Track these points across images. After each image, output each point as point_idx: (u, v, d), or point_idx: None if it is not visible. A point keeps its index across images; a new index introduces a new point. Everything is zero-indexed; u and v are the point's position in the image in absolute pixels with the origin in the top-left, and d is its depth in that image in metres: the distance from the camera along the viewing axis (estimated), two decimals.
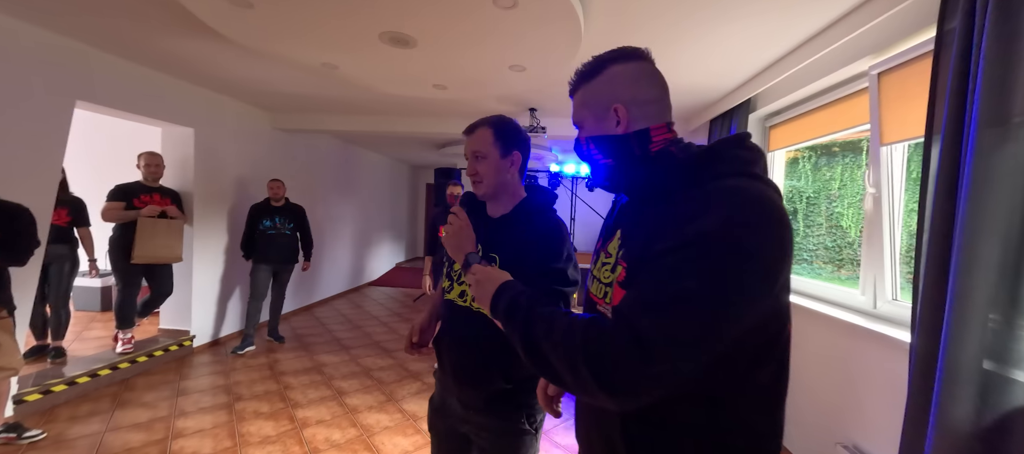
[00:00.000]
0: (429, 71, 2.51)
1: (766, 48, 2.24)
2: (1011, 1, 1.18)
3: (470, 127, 1.09)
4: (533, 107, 3.62)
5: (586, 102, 0.71)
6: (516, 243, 1.01)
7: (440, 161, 7.35)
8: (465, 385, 1.05)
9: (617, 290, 0.62)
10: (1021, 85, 1.16)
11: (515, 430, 1.02)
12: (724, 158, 0.59)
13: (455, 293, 1.07)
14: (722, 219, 0.51)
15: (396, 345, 3.87)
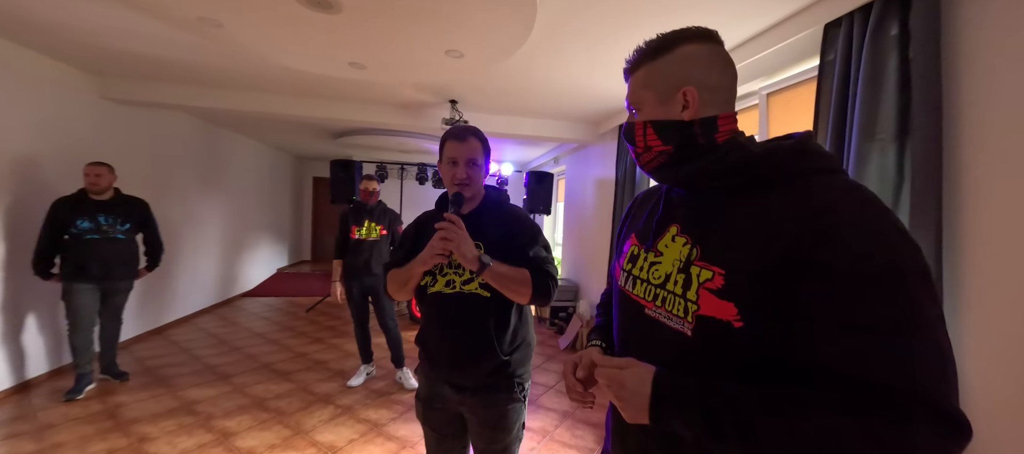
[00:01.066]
0: (349, 45, 2.17)
1: None
2: (879, 41, 1.50)
3: (462, 134, 1.15)
4: (454, 99, 3.45)
5: (649, 82, 0.64)
6: (494, 231, 1.14)
7: (336, 152, 6.56)
8: (463, 366, 1.11)
9: (709, 298, 0.54)
10: (884, 109, 1.48)
11: (508, 399, 1.13)
12: (811, 152, 0.55)
13: (440, 285, 1.14)
14: (885, 230, 0.46)
15: (294, 365, 3.29)
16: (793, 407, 0.45)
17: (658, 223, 0.68)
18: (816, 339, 0.46)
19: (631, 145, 0.68)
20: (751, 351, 0.51)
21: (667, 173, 0.66)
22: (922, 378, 0.42)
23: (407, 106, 3.72)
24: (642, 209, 0.78)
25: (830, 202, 0.49)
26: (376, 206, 3.02)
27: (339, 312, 4.99)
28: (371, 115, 3.77)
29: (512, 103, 3.54)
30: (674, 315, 0.59)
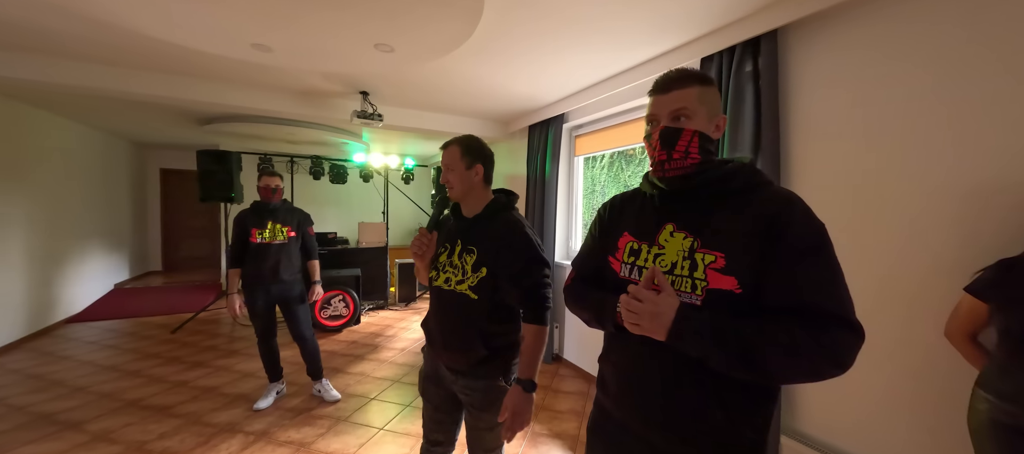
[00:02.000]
0: (257, 24, 1.92)
1: (584, 76, 2.83)
2: (740, 75, 1.97)
3: (446, 143, 1.30)
4: (366, 91, 3.26)
5: (705, 100, 0.80)
6: (486, 242, 1.24)
7: (200, 140, 5.49)
8: (454, 352, 1.25)
9: (715, 275, 0.74)
10: (744, 128, 1.97)
11: (494, 387, 1.25)
12: (758, 171, 0.81)
13: (441, 280, 1.29)
14: (814, 219, 0.73)
15: (174, 397, 2.75)
16: (771, 326, 0.69)
17: (654, 222, 0.86)
18: (784, 287, 0.71)
19: (667, 145, 0.80)
20: (747, 307, 0.73)
21: (685, 179, 0.81)
22: (840, 305, 0.69)
23: (308, 94, 3.38)
24: (625, 213, 0.95)
25: (783, 204, 0.75)
26: (280, 205, 2.71)
27: (218, 330, 4.28)
28: (259, 101, 3.31)
29: (427, 99, 3.51)
30: (683, 292, 0.77)
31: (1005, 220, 1.25)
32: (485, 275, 1.20)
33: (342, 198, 6.73)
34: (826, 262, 0.70)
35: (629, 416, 0.86)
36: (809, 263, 0.70)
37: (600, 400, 0.96)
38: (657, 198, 0.87)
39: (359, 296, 4.50)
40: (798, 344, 0.66)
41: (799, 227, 0.71)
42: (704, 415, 0.76)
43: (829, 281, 0.69)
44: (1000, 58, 1.29)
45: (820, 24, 1.76)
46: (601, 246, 0.97)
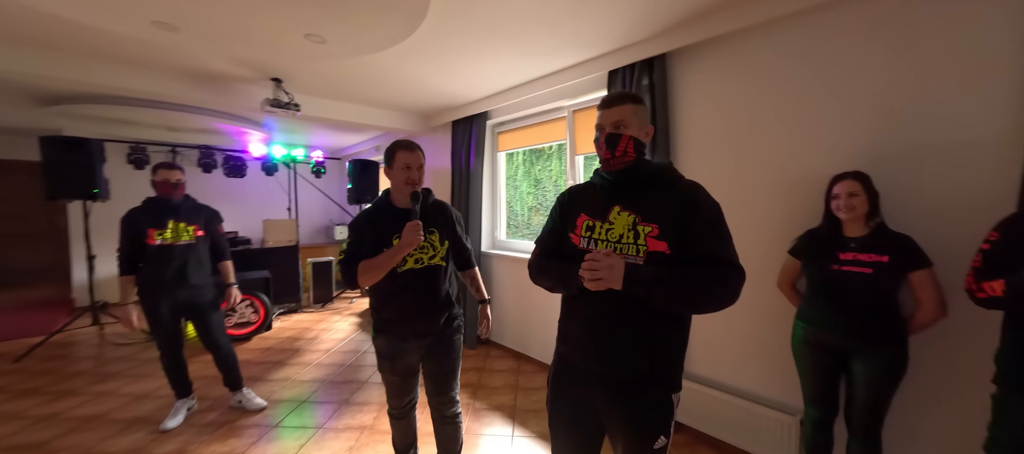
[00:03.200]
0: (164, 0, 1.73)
1: (507, 78, 3.06)
2: (640, 87, 2.39)
3: (412, 146, 1.56)
4: (279, 78, 3.04)
5: (637, 115, 1.10)
6: (438, 220, 1.63)
7: (38, 124, 4.40)
8: (430, 318, 1.58)
9: (652, 241, 1.01)
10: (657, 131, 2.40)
11: (454, 332, 1.67)
12: (674, 169, 1.13)
13: (410, 264, 1.53)
14: (712, 200, 1.05)
15: (46, 432, 2.29)
16: (690, 271, 0.98)
17: (603, 205, 1.12)
18: (697, 246, 1.00)
19: (610, 147, 1.08)
20: (675, 263, 1.00)
21: (625, 173, 1.10)
22: (731, 254, 1.01)
23: (207, 77, 3.02)
24: (580, 200, 1.20)
25: (693, 190, 1.06)
26: (183, 202, 2.44)
27: (82, 352, 3.60)
28: (135, 80, 2.84)
29: (349, 90, 3.40)
30: (630, 256, 1.04)
31: (812, 201, 1.80)
32: (447, 245, 1.63)
33: (239, 194, 6.01)
34: (722, 228, 1.03)
35: (587, 358, 1.12)
36: (712, 229, 1.01)
37: (561, 351, 1.21)
38: (606, 187, 1.14)
39: (270, 300, 4.16)
40: (708, 281, 0.97)
41: (705, 206, 1.03)
42: (643, 346, 1.05)
43: (723, 239, 1.02)
44: (823, 84, 1.84)
45: (697, 52, 2.23)
46: (561, 226, 1.21)
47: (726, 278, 0.98)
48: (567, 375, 1.19)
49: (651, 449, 1.07)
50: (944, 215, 1.53)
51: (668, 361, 1.08)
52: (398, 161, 1.53)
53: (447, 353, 1.64)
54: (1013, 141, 1.36)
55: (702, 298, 0.98)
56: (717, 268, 0.98)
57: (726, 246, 1.01)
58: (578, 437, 1.20)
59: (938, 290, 1.47)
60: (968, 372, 1.49)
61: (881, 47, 1.65)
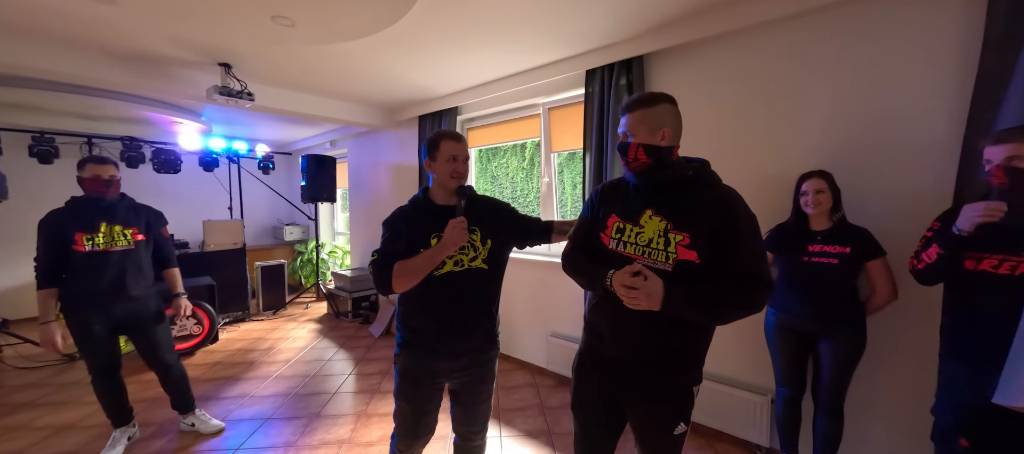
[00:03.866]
0: None
1: (483, 73, 3.00)
2: (617, 86, 2.44)
3: (459, 135, 1.38)
4: (228, 63, 2.75)
5: (645, 120, 1.06)
6: (483, 217, 1.39)
7: None
8: (471, 332, 1.36)
9: (682, 250, 1.01)
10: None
11: (494, 351, 1.44)
12: (711, 172, 1.11)
13: (449, 266, 1.33)
14: (750, 212, 1.04)
15: None
16: (721, 288, 0.99)
17: (636, 208, 1.11)
18: (733, 262, 1.00)
19: (623, 155, 1.09)
20: (702, 274, 1.01)
21: (646, 176, 1.10)
22: (765, 273, 1.01)
23: (142, 60, 2.65)
24: (612, 198, 1.18)
25: (731, 200, 1.05)
26: (119, 201, 2.12)
27: None
28: (46, 59, 2.43)
29: (308, 79, 3.14)
30: (658, 262, 1.04)
31: (781, 198, 1.95)
32: (491, 245, 1.38)
33: (172, 191, 5.38)
34: (758, 244, 1.03)
35: (612, 349, 1.15)
36: (748, 245, 1.01)
37: (591, 342, 1.22)
38: (639, 188, 1.13)
39: (215, 310, 3.77)
40: (740, 300, 0.99)
41: (744, 220, 1.03)
42: (667, 343, 1.08)
43: (760, 256, 1.02)
44: (789, 91, 1.99)
45: (673, 56, 2.33)
46: (593, 222, 1.21)
47: (756, 296, 0.99)
48: (592, 364, 1.22)
49: (671, 435, 1.12)
50: (893, 212, 1.72)
51: (691, 357, 1.11)
52: (443, 152, 1.33)
53: (484, 379, 1.41)
54: (952, 147, 1.56)
55: (732, 315, 1.01)
56: (750, 286, 0.99)
57: (762, 264, 1.01)
58: (602, 422, 1.23)
59: (891, 276, 1.66)
60: (917, 347, 1.69)
61: (837, 59, 1.82)
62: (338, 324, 4.39)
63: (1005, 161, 1.17)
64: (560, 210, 3.24)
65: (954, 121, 1.56)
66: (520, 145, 3.80)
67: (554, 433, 2.32)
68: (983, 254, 1.28)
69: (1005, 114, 1.40)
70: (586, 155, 2.65)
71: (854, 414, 1.81)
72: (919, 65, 1.64)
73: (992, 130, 1.43)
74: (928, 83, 1.63)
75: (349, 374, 3.12)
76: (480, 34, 2.30)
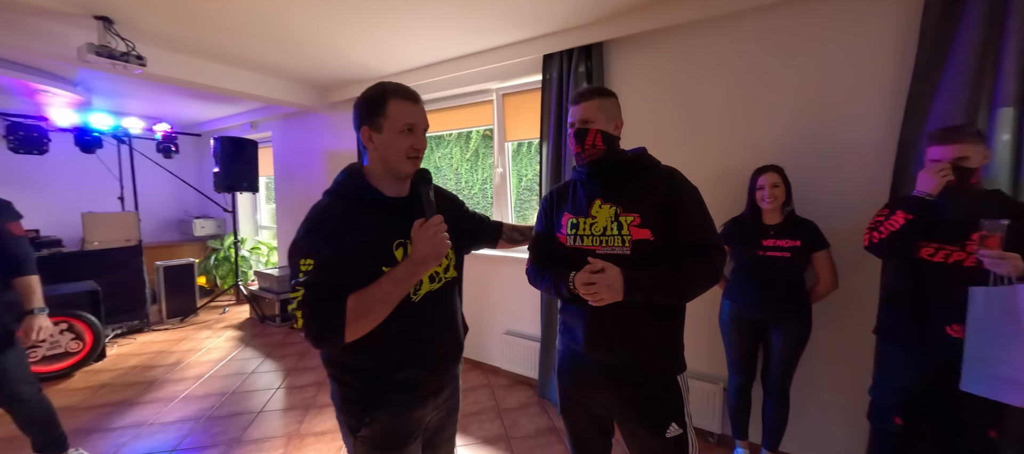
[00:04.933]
0: None
1: (434, 51, 2.76)
2: (576, 72, 2.34)
3: (414, 95, 0.97)
4: (108, 17, 2.21)
5: (604, 109, 1.10)
6: (447, 212, 1.03)
7: None
8: (454, 353, 1.09)
9: (635, 230, 1.03)
10: None
11: (458, 372, 1.16)
12: (649, 155, 1.14)
13: (426, 283, 1.00)
14: (691, 184, 1.08)
15: None
16: (681, 265, 1.01)
17: (585, 201, 1.13)
18: (684, 233, 1.03)
19: (580, 141, 1.09)
20: (660, 248, 1.03)
21: (598, 164, 1.11)
22: (715, 237, 1.06)
23: None
24: (562, 200, 1.19)
25: (670, 175, 1.09)
26: None
27: None
28: None
29: (220, 45, 2.65)
30: (615, 247, 1.05)
31: (735, 192, 1.98)
32: (454, 248, 1.07)
33: (37, 177, 4.38)
34: (704, 212, 1.07)
35: (594, 350, 1.10)
36: (697, 215, 1.05)
37: (567, 344, 1.18)
38: (585, 182, 1.15)
39: (101, 320, 3.12)
40: (697, 270, 1.02)
41: (687, 192, 1.07)
42: (642, 333, 1.06)
43: (707, 224, 1.06)
44: (743, 87, 2.01)
45: (633, 43, 2.27)
46: (548, 229, 1.21)
47: (713, 262, 1.02)
48: (572, 369, 1.18)
49: (663, 439, 1.05)
50: (836, 206, 1.81)
51: (669, 342, 1.10)
52: (394, 117, 0.92)
53: (456, 407, 1.17)
54: (888, 146, 1.66)
55: (696, 289, 1.02)
56: (704, 255, 1.02)
57: (710, 231, 1.06)
58: (592, 424, 1.19)
59: (833, 267, 1.75)
60: (857, 333, 1.80)
61: (789, 56, 1.87)
62: (264, 330, 3.89)
63: (955, 161, 1.24)
64: (513, 200, 3.10)
65: (891, 122, 1.66)
66: (465, 134, 3.59)
67: (512, 437, 2.20)
68: (922, 242, 1.36)
69: (935, 114, 1.51)
70: (543, 144, 2.53)
71: (798, 397, 1.91)
72: (861, 68, 1.73)
73: (925, 130, 1.53)
74: (868, 86, 1.72)
75: (277, 388, 2.74)
76: (438, 7, 2.07)
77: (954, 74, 1.49)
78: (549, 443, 2.14)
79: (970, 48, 1.46)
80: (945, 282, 1.31)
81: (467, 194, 3.68)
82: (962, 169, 1.23)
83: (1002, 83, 1.42)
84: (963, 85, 1.47)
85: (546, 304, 2.56)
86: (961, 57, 1.48)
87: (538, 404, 2.53)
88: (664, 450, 1.05)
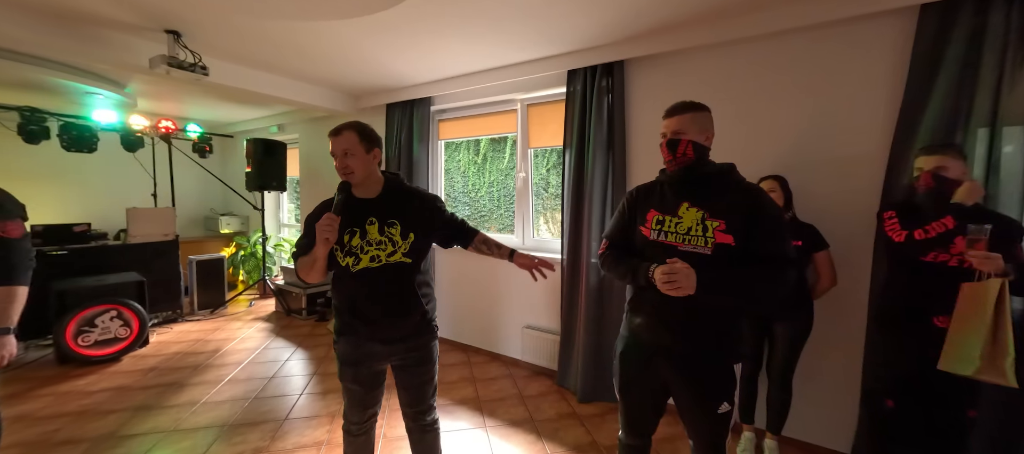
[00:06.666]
0: None
1: (465, 64, 2.98)
2: (599, 87, 2.56)
3: (337, 130, 1.35)
4: (177, 30, 2.44)
5: (696, 121, 1.23)
6: (407, 208, 1.42)
7: None
8: (397, 320, 1.39)
9: (719, 235, 1.15)
10: (601, 128, 2.59)
11: (430, 337, 1.48)
12: (736, 171, 1.28)
13: (365, 262, 1.35)
14: (774, 203, 1.22)
15: None
16: (753, 271, 1.14)
17: (672, 201, 1.26)
18: (762, 245, 1.15)
19: (671, 151, 1.24)
20: (739, 255, 1.16)
21: (689, 170, 1.24)
22: (790, 253, 1.17)
23: (68, 17, 2.26)
24: (649, 197, 1.33)
25: (757, 191, 1.23)
26: None
27: None
28: None
29: (268, 57, 2.89)
30: (698, 247, 1.18)
31: None
32: (414, 239, 1.40)
33: (81, 173, 4.63)
34: (784, 229, 1.21)
35: (656, 335, 1.26)
36: (776, 230, 1.18)
37: (632, 328, 1.33)
38: (673, 185, 1.29)
39: (146, 309, 3.34)
40: (768, 278, 1.15)
41: (770, 209, 1.20)
42: (706, 324, 1.21)
43: (785, 239, 1.19)
44: (752, 103, 2.22)
45: (652, 61, 2.49)
46: (630, 220, 1.35)
47: (784, 276, 1.15)
48: (636, 350, 1.32)
49: (715, 414, 1.23)
50: (833, 211, 2.01)
51: (729, 336, 1.24)
52: (331, 149, 1.36)
53: (421, 362, 1.46)
54: (881, 158, 1.87)
55: (764, 294, 1.15)
56: (777, 267, 1.15)
57: (787, 246, 1.18)
58: (646, 403, 1.35)
59: (833, 266, 1.94)
60: (850, 326, 2.00)
61: (795, 76, 2.08)
62: (291, 322, 4.10)
63: (934, 169, 1.44)
64: (532, 206, 3.30)
65: (883, 136, 1.87)
66: (474, 140, 3.80)
67: (537, 420, 2.39)
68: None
69: (924, 131, 1.72)
70: (566, 151, 2.74)
71: (799, 384, 2.10)
72: (859, 87, 1.94)
73: (913, 145, 1.74)
74: (865, 103, 1.93)
75: (313, 374, 2.94)
76: (474, 25, 2.29)
77: (940, 96, 1.70)
78: (570, 426, 2.34)
79: (953, 75, 1.67)
80: (935, 280, 1.47)
81: (473, 196, 3.87)
82: (941, 178, 1.43)
83: (978, 106, 1.63)
84: (948, 108, 1.68)
85: (566, 300, 2.77)
86: (945, 80, 1.68)
87: (557, 392, 2.72)
88: (715, 422, 1.25)
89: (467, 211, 3.91)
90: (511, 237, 3.36)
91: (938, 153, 1.46)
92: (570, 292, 2.76)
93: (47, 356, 3.14)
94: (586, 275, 2.65)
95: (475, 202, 3.88)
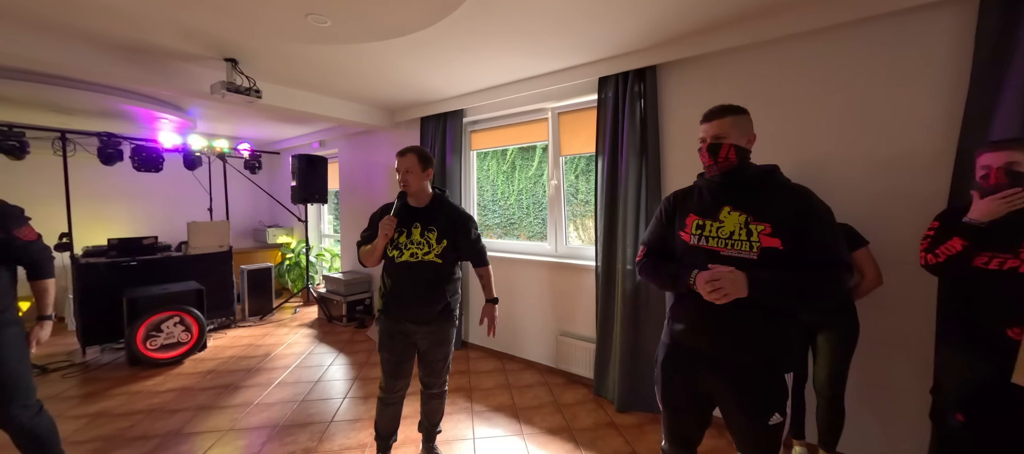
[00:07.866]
0: None
1: (496, 76, 3.04)
2: (631, 93, 2.55)
3: (403, 152, 1.77)
4: (235, 58, 2.65)
5: (737, 125, 1.21)
6: (442, 220, 1.78)
7: None
8: (423, 306, 1.76)
9: (765, 239, 1.12)
10: (634, 134, 2.57)
11: (449, 324, 1.84)
12: (781, 173, 1.23)
13: (406, 256, 1.74)
14: (825, 204, 1.15)
15: None
16: (804, 273, 1.09)
17: (712, 205, 1.23)
18: (814, 248, 1.11)
19: (712, 156, 1.21)
20: (786, 260, 1.11)
21: (731, 174, 1.21)
22: (845, 256, 1.11)
23: (142, 52, 2.51)
24: (687, 201, 1.30)
25: (806, 192, 1.17)
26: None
27: None
28: (32, 47, 2.27)
29: (313, 78, 3.07)
30: (743, 251, 1.14)
31: None
32: (447, 245, 1.75)
33: (148, 190, 5.07)
34: (836, 230, 1.15)
35: (700, 343, 1.22)
36: (829, 232, 1.13)
37: (675, 336, 1.29)
38: (714, 189, 1.25)
39: (204, 315, 3.59)
40: (821, 282, 1.09)
41: (822, 210, 1.14)
42: (754, 333, 1.16)
43: (837, 243, 1.13)
44: (795, 103, 2.15)
45: (685, 65, 2.46)
46: (668, 226, 1.33)
47: (838, 278, 1.09)
48: (679, 358, 1.29)
49: (766, 425, 1.16)
50: (887, 210, 1.89)
51: (780, 346, 1.17)
52: (397, 166, 1.78)
53: (440, 343, 1.83)
54: (946, 156, 1.75)
55: (817, 295, 1.10)
56: (831, 269, 1.09)
57: (840, 247, 1.12)
58: (690, 414, 1.30)
59: (875, 263, 1.81)
60: (911, 333, 1.87)
61: (841, 73, 1.99)
62: (332, 328, 4.28)
63: (1005, 165, 1.34)
64: (564, 214, 3.30)
65: (948, 132, 1.75)
66: (501, 149, 3.85)
67: (574, 429, 2.38)
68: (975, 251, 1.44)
69: (996, 125, 1.59)
70: (599, 158, 2.74)
71: (856, 397, 1.98)
72: (916, 81, 1.83)
73: (986, 139, 1.61)
74: (923, 97, 1.82)
75: (355, 378, 3.06)
76: (509, 40, 2.35)
77: (1016, 83, 1.54)
78: (609, 435, 2.31)
79: None
80: (1002, 288, 1.38)
81: (502, 204, 3.91)
82: (1015, 173, 1.32)
83: None
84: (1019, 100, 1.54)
85: (602, 307, 2.74)
86: (1016, 72, 1.55)
87: (594, 401, 2.69)
88: (765, 434, 1.16)
89: (497, 219, 3.96)
90: (543, 244, 3.37)
91: (1008, 148, 1.35)
92: (605, 299, 2.73)
93: (119, 358, 3.44)
94: (621, 282, 2.62)
95: (505, 210, 3.93)
